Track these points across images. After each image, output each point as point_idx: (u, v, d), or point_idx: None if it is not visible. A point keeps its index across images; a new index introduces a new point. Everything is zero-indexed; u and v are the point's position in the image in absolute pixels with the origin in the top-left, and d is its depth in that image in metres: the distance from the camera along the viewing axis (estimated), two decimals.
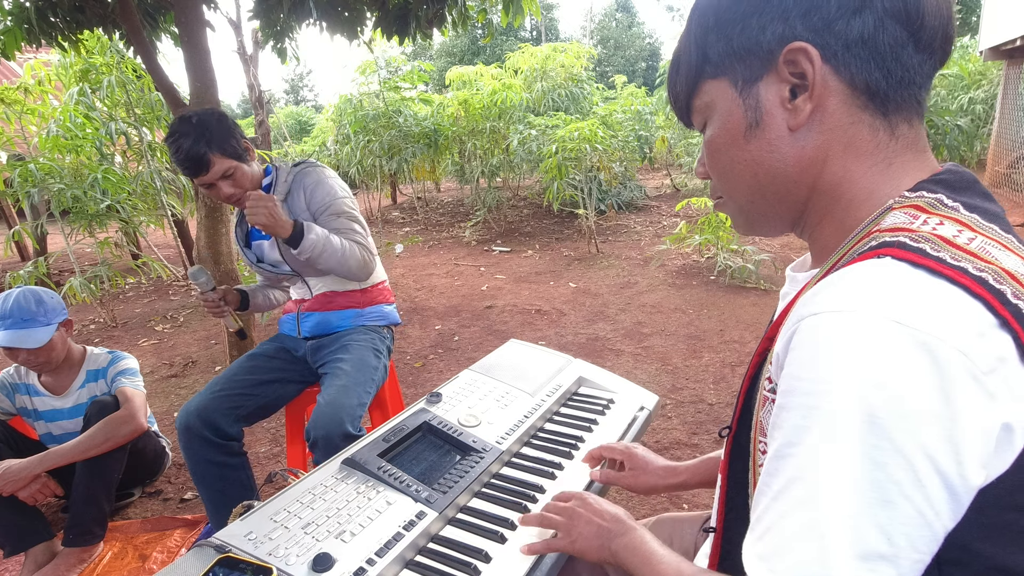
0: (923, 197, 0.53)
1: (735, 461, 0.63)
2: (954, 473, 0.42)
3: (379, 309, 1.94)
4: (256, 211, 1.57)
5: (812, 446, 0.45)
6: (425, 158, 7.38)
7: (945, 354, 0.42)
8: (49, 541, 1.87)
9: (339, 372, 1.66)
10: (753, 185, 0.62)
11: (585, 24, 34.95)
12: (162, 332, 4.37)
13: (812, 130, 0.57)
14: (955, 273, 0.45)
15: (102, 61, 5.10)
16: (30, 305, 1.85)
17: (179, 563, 0.82)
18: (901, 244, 0.48)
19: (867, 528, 0.43)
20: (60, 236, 5.05)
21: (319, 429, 1.47)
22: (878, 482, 0.43)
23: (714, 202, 0.70)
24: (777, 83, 0.57)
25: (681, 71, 0.64)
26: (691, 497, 2.04)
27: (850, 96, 0.55)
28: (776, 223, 0.66)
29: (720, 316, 3.79)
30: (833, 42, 0.54)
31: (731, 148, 0.61)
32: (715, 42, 0.59)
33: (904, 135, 0.57)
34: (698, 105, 0.64)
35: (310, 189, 1.78)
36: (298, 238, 1.63)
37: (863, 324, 0.45)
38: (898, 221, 0.51)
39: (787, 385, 0.49)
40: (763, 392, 0.56)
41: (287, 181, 1.79)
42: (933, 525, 0.43)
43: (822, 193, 0.59)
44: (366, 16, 3.13)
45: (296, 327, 1.91)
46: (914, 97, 0.56)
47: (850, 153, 0.57)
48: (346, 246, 1.71)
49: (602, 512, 0.80)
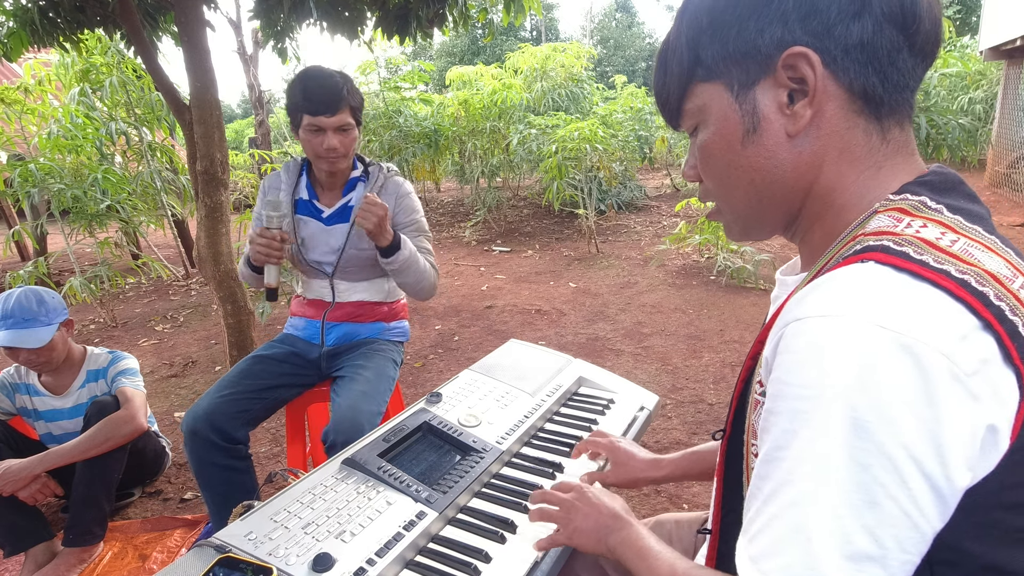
0: (907, 200, 0.53)
1: (730, 463, 0.63)
2: (939, 474, 0.43)
3: (401, 324, 1.93)
4: (368, 215, 1.59)
5: (800, 449, 0.46)
6: (425, 158, 7.38)
7: (928, 357, 0.43)
8: (49, 541, 1.87)
9: (359, 378, 1.63)
10: (750, 191, 0.62)
11: (585, 24, 34.97)
12: (162, 332, 4.37)
13: (810, 136, 0.57)
14: (938, 276, 0.46)
15: (102, 61, 5.11)
16: (31, 305, 1.85)
17: (179, 563, 0.82)
18: (884, 248, 0.48)
19: (854, 529, 0.43)
20: (60, 236, 5.05)
21: (340, 434, 1.44)
22: (864, 484, 0.43)
23: (709, 211, 0.70)
24: (775, 88, 0.56)
25: (671, 72, 0.63)
26: (691, 497, 2.04)
27: (847, 101, 0.55)
28: (769, 228, 0.66)
29: (720, 316, 3.79)
30: (833, 47, 0.53)
31: (727, 154, 0.61)
32: (709, 44, 0.58)
33: (895, 138, 0.57)
34: (689, 108, 0.63)
35: (401, 199, 1.79)
36: (394, 249, 1.66)
37: (847, 328, 0.45)
38: (882, 224, 0.52)
39: (775, 389, 0.49)
40: (754, 395, 0.56)
41: (383, 181, 1.80)
42: (920, 526, 0.43)
43: (816, 198, 0.59)
44: (366, 16, 3.12)
45: (320, 335, 1.83)
46: (907, 100, 0.56)
47: (844, 158, 0.57)
48: (427, 268, 1.76)
49: (599, 506, 0.80)
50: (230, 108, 36.14)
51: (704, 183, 0.66)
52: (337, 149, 1.68)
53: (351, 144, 1.71)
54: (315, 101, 1.63)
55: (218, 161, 2.85)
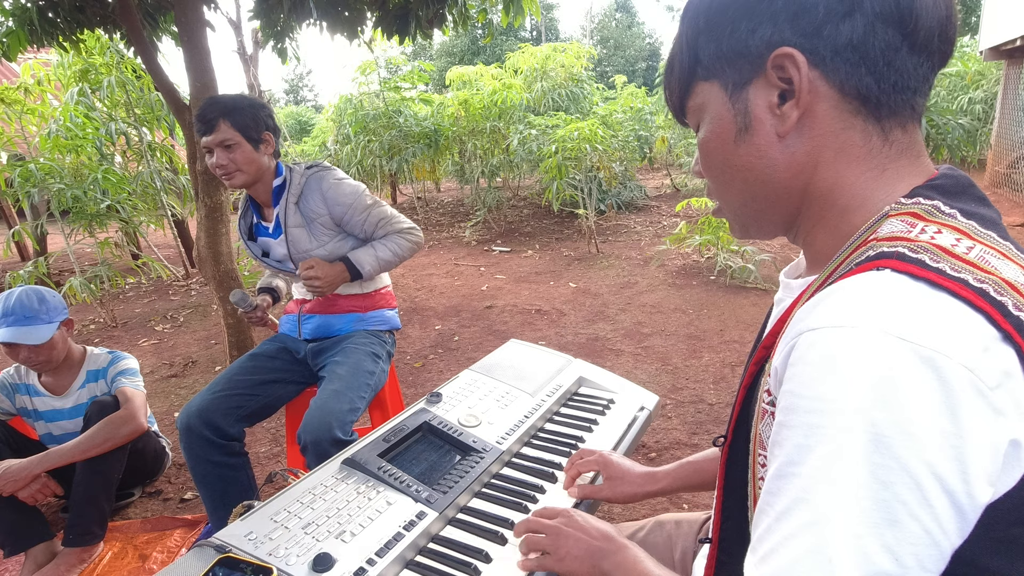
0: (919, 204, 0.52)
1: (731, 471, 0.62)
2: (961, 491, 0.42)
3: (381, 314, 1.94)
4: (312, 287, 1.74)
5: (815, 467, 0.44)
6: (425, 158, 7.38)
7: (951, 370, 0.42)
8: (49, 541, 1.87)
9: (333, 376, 1.66)
10: (744, 190, 0.62)
11: (585, 24, 34.96)
12: (162, 332, 4.37)
13: (802, 136, 0.56)
14: (956, 285, 0.44)
15: (102, 61, 5.10)
16: (32, 303, 1.86)
17: (179, 563, 0.82)
18: (900, 255, 0.47)
19: (874, 549, 0.42)
20: (60, 236, 5.05)
21: (308, 434, 1.47)
22: (885, 502, 0.42)
23: (713, 208, 0.70)
24: (766, 88, 0.56)
25: (675, 71, 0.64)
26: (691, 497, 2.04)
27: (840, 101, 0.54)
28: (770, 227, 0.65)
29: (720, 316, 3.79)
30: (821, 47, 0.53)
31: (722, 152, 0.61)
32: (705, 44, 0.59)
33: (898, 140, 0.56)
34: (691, 106, 0.64)
35: (328, 193, 1.80)
36: (356, 272, 1.79)
37: (865, 340, 0.44)
38: (895, 229, 0.50)
39: (787, 402, 0.48)
40: (762, 404, 0.55)
41: (300, 184, 1.81)
42: (941, 544, 0.42)
43: (814, 199, 0.59)
44: (366, 16, 3.13)
45: (297, 328, 1.91)
46: (908, 102, 0.55)
47: (841, 159, 0.56)
48: (399, 250, 1.84)
49: (589, 529, 0.79)
50: None
51: (708, 181, 0.67)
52: (225, 166, 1.70)
53: (244, 160, 1.71)
54: (198, 121, 1.69)
55: None
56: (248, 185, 1.77)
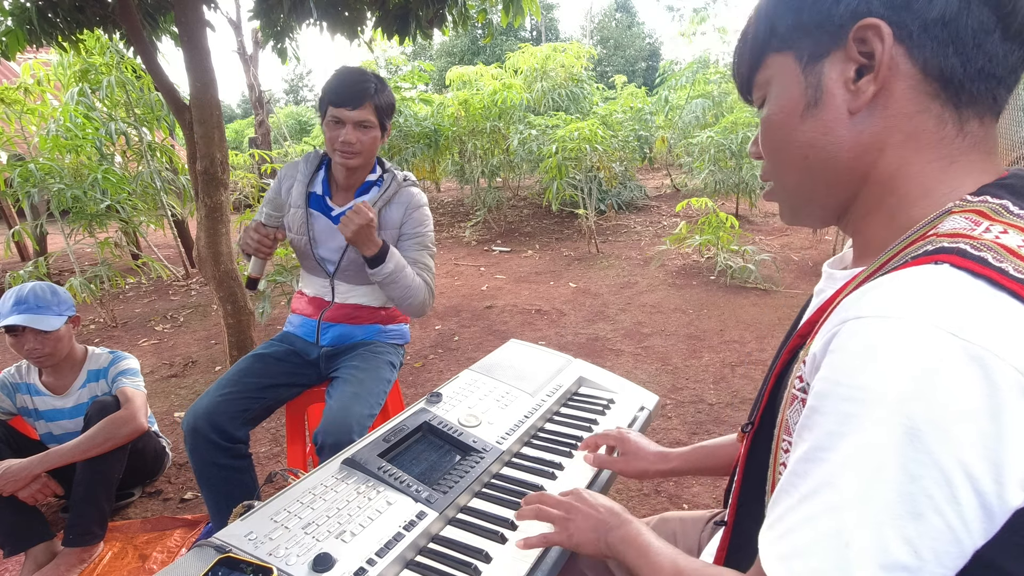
0: (987, 202, 0.49)
1: (753, 457, 0.62)
2: (992, 493, 0.41)
3: (400, 328, 1.93)
4: (348, 222, 1.57)
5: (846, 454, 0.44)
6: (425, 158, 7.38)
7: (1000, 371, 0.40)
8: (49, 541, 1.87)
9: (352, 379, 1.64)
10: (803, 168, 0.59)
11: (585, 24, 34.96)
12: (162, 332, 4.37)
13: (873, 115, 0.54)
14: (1018, 286, 0.43)
15: (102, 61, 5.10)
16: (46, 295, 1.93)
17: (179, 563, 0.82)
18: (961, 251, 0.45)
19: (894, 539, 0.42)
20: (60, 236, 5.05)
21: (329, 435, 1.45)
22: (911, 495, 0.42)
23: (765, 191, 0.67)
24: (843, 62, 0.54)
25: (748, 43, 0.62)
26: (691, 497, 2.04)
27: (921, 82, 0.51)
28: (821, 212, 0.63)
29: (720, 316, 3.79)
30: (910, 21, 0.50)
31: (785, 127, 0.59)
32: (785, 13, 0.57)
33: (973, 132, 0.53)
34: (760, 80, 0.62)
35: (412, 211, 1.78)
36: (379, 261, 1.64)
37: (911, 332, 0.43)
38: (959, 226, 0.48)
39: (822, 388, 0.47)
40: (792, 391, 0.55)
41: (395, 190, 1.79)
42: (963, 542, 0.42)
43: (874, 184, 0.56)
44: (366, 16, 3.12)
45: (315, 335, 1.84)
46: (991, 92, 0.52)
47: (910, 144, 0.53)
48: (417, 284, 1.72)
49: (597, 505, 0.80)
50: (230, 108, 36.15)
51: (764, 160, 0.65)
52: (353, 144, 1.67)
53: (370, 143, 1.70)
54: (340, 93, 1.64)
55: (218, 161, 2.85)
56: (357, 168, 1.75)
